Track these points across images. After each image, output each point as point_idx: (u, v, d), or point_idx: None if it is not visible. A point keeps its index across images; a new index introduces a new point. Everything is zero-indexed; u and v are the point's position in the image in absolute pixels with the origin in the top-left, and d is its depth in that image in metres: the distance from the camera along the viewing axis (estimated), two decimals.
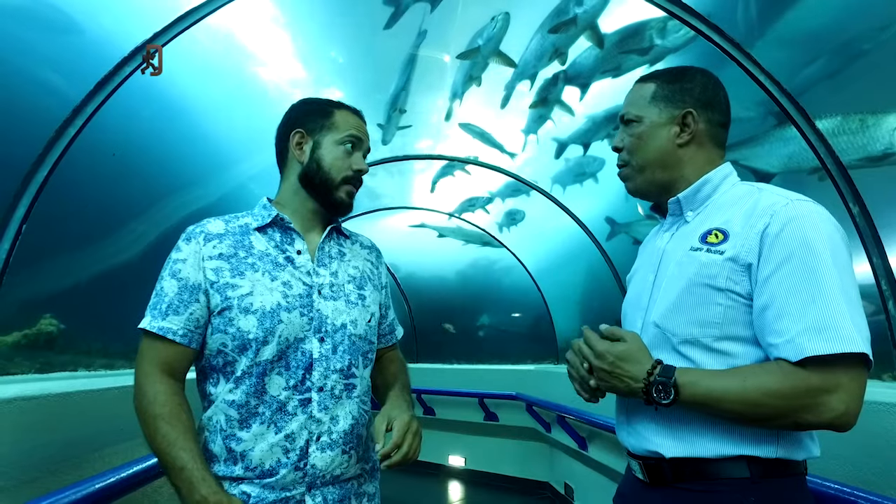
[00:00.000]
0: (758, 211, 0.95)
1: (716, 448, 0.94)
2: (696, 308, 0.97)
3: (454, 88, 3.93)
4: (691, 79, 1.10)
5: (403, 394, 1.26)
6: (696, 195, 1.08)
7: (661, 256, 1.11)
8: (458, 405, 5.28)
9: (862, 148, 1.71)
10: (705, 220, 1.05)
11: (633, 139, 1.12)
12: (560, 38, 3.15)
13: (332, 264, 1.27)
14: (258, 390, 1.12)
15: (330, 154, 1.25)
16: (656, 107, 1.10)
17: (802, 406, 0.84)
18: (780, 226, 0.91)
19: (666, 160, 1.10)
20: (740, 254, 0.94)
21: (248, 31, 3.15)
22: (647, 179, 1.13)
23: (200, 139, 3.36)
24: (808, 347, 0.83)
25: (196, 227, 1.21)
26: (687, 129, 1.08)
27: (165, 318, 1.13)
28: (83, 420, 1.70)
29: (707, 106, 1.08)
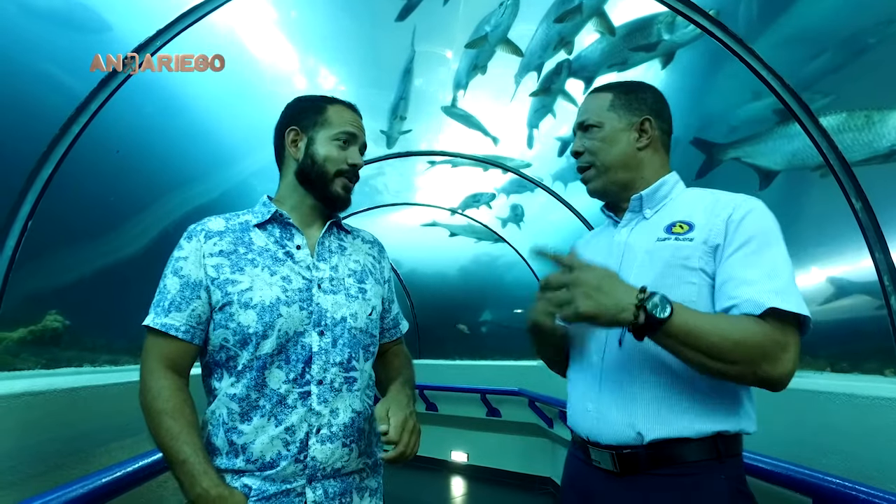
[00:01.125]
0: (720, 204, 1.09)
1: (694, 425, 1.01)
2: (674, 287, 1.04)
3: (457, 78, 3.92)
4: (644, 91, 1.23)
5: (405, 388, 1.25)
6: (655, 194, 1.19)
7: (623, 248, 1.18)
8: (461, 401, 5.29)
9: (867, 145, 1.70)
10: (665, 216, 1.15)
11: (597, 142, 1.21)
12: (566, 27, 3.12)
13: (333, 258, 1.27)
14: (258, 384, 1.13)
15: (324, 149, 1.26)
16: (615, 114, 1.21)
17: (767, 355, 0.93)
18: (742, 214, 1.05)
19: (628, 162, 1.20)
20: (710, 237, 1.05)
21: (250, 27, 3.15)
22: (611, 179, 1.21)
23: (202, 135, 3.38)
24: (770, 300, 0.94)
25: (197, 226, 1.23)
26: (645, 134, 1.19)
27: (168, 315, 1.15)
28: (89, 415, 1.71)
29: (658, 115, 1.21)
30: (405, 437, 1.09)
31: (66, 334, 2.31)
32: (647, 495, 1.03)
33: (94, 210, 2.59)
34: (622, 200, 1.23)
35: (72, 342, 2.35)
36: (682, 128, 3.35)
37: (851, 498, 1.40)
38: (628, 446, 1.05)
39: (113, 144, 2.52)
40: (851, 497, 1.40)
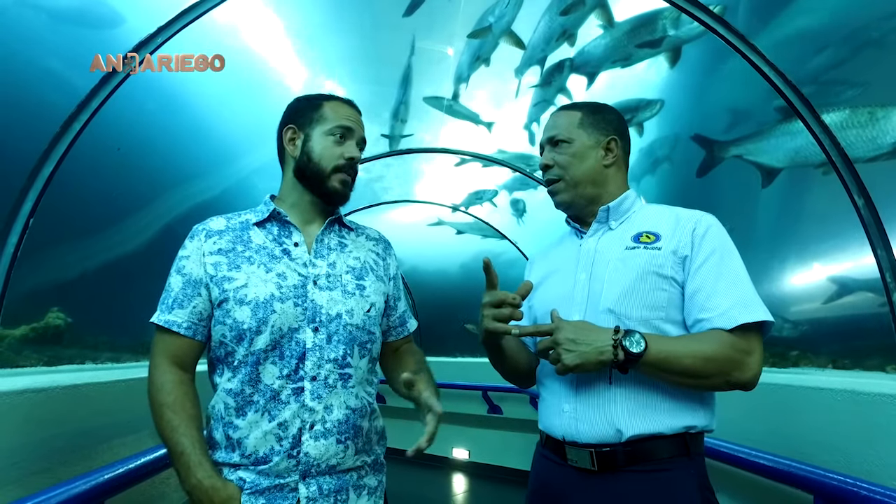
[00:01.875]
0: (683, 219, 1.20)
1: (667, 421, 1.09)
2: (648, 293, 1.14)
3: (459, 70, 3.88)
4: (610, 112, 1.33)
5: (432, 385, 1.22)
6: (620, 207, 1.28)
7: (593, 254, 1.26)
8: (463, 398, 5.30)
9: (871, 141, 1.70)
10: (629, 227, 1.25)
11: (567, 157, 1.28)
12: (569, 20, 3.11)
13: (331, 255, 1.28)
14: (252, 379, 1.15)
15: (319, 145, 1.27)
16: (584, 131, 1.29)
17: (735, 364, 1.05)
18: (704, 229, 1.16)
19: (595, 178, 1.28)
20: (678, 248, 1.15)
21: (251, 23, 3.15)
22: (579, 193, 1.29)
23: (204, 132, 3.37)
24: (740, 317, 1.06)
25: (200, 225, 1.26)
26: (611, 152, 1.28)
27: (171, 312, 1.19)
28: (92, 412, 1.72)
29: (622, 136, 1.30)
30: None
31: (68, 331, 2.31)
32: (623, 491, 1.09)
33: (95, 207, 2.59)
34: (587, 214, 1.31)
35: (74, 339, 2.35)
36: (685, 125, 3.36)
37: (853, 494, 1.40)
38: (607, 444, 1.11)
39: (114, 141, 2.52)
40: (853, 493, 1.40)
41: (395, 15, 3.41)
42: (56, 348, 2.24)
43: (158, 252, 2.85)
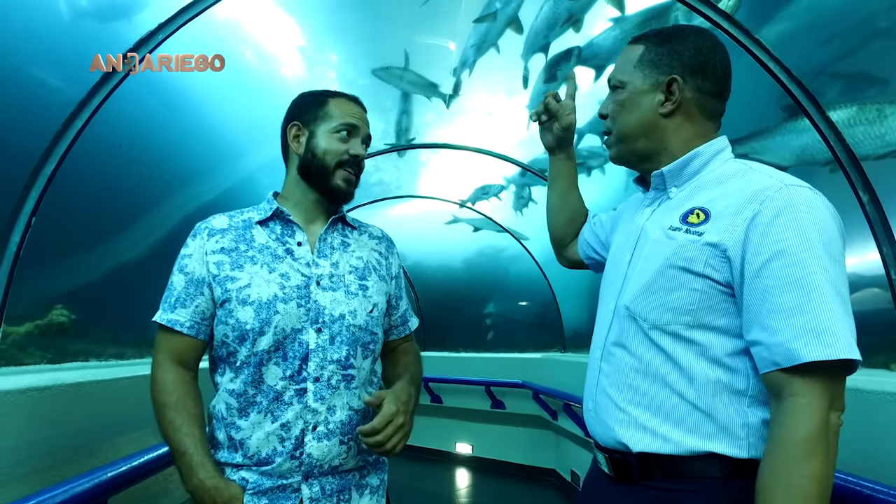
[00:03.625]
0: (747, 194, 0.88)
1: (686, 442, 0.89)
2: (670, 292, 0.92)
3: (464, 57, 3.74)
4: (683, 40, 1.01)
5: (408, 386, 1.25)
6: (683, 170, 1.01)
7: (639, 234, 1.05)
8: (466, 393, 5.31)
9: (880, 138, 1.67)
10: (689, 197, 0.98)
11: (616, 106, 1.06)
12: (575, 4, 3.00)
13: (334, 255, 1.27)
14: (255, 380, 1.15)
15: (324, 142, 1.26)
16: (641, 72, 1.03)
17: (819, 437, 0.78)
18: (773, 214, 0.83)
19: (648, 131, 1.03)
20: (722, 240, 0.87)
21: (254, 19, 3.13)
22: (628, 149, 1.07)
23: (207, 129, 3.36)
24: (804, 352, 0.77)
25: (202, 224, 1.26)
26: (672, 97, 1.00)
27: (174, 311, 1.19)
28: (95, 409, 1.73)
29: (697, 72, 0.99)
30: (389, 429, 1.10)
31: (72, 328, 2.32)
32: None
33: (99, 204, 2.60)
34: (647, 173, 1.08)
35: (77, 336, 2.36)
36: None
37: (855, 493, 1.39)
38: (618, 451, 0.98)
39: (116, 139, 2.52)
40: (855, 493, 1.39)
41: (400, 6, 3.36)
42: (60, 344, 2.24)
43: (163, 250, 2.86)
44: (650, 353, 0.95)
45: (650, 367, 0.95)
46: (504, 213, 5.36)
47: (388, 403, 1.13)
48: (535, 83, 3.82)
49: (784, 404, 0.80)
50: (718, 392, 0.89)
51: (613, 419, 0.98)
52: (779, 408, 0.81)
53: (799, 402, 0.78)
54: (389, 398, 1.15)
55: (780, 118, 2.07)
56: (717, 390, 0.89)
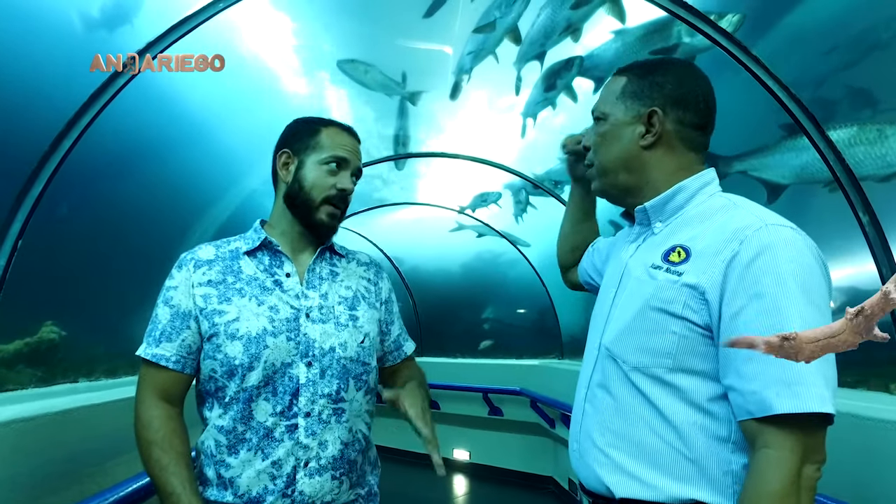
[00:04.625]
0: (727, 233, 0.86)
1: (670, 489, 0.86)
2: (650, 335, 0.90)
3: (461, 63, 3.68)
4: (665, 72, 1.00)
5: (420, 389, 1.24)
6: (666, 205, 0.98)
7: (622, 270, 1.03)
8: (463, 399, 5.30)
9: (881, 158, 1.64)
10: (672, 233, 0.96)
11: (598, 138, 1.05)
12: (575, 14, 2.95)
13: (323, 286, 1.26)
14: (245, 416, 1.13)
15: (312, 174, 1.23)
16: (623, 103, 1.01)
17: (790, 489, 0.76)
18: (751, 256, 0.81)
19: (629, 163, 1.01)
20: (700, 282, 0.85)
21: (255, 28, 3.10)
22: (610, 183, 1.05)
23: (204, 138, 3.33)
24: (775, 403, 0.75)
25: (187, 254, 1.24)
26: (652, 128, 0.98)
27: (159, 345, 1.16)
28: (84, 435, 1.70)
29: (679, 104, 0.97)
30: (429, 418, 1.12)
31: (63, 344, 2.29)
32: None
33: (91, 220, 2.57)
34: (630, 206, 1.05)
35: (68, 352, 2.33)
36: None
37: None
38: (602, 496, 0.95)
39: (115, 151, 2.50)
40: None
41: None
42: (50, 362, 2.22)
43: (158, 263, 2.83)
44: (631, 396, 0.92)
45: (632, 410, 0.92)
46: (504, 219, 5.34)
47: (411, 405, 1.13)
48: (533, 90, 3.79)
49: (757, 455, 0.79)
50: (701, 437, 0.87)
51: (596, 462, 0.95)
52: (753, 457, 0.80)
53: (770, 454, 0.77)
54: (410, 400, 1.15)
55: (780, 136, 2.04)
56: (699, 436, 0.87)
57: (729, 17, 1.95)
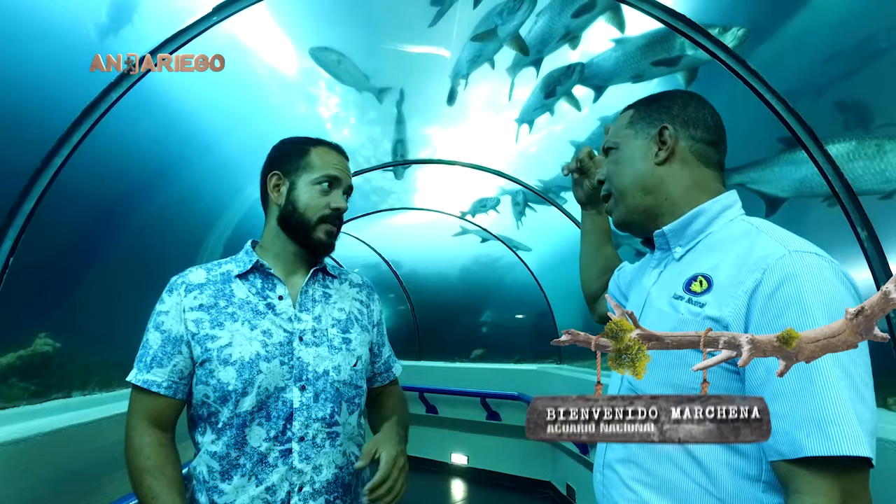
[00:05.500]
0: (750, 262, 0.81)
1: None
2: (673, 369, 0.85)
3: (457, 68, 3.65)
4: (669, 98, 1.02)
5: (397, 427, 1.24)
6: (686, 229, 0.96)
7: (645, 298, 1.00)
8: (461, 404, 5.28)
9: (880, 174, 1.63)
10: (695, 259, 0.93)
11: (612, 166, 1.05)
12: (574, 21, 2.93)
13: (316, 308, 1.25)
14: (238, 442, 1.12)
15: (305, 194, 1.23)
16: (632, 130, 1.03)
17: None
18: (774, 286, 0.77)
19: (646, 182, 0.99)
20: (723, 314, 0.80)
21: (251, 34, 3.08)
22: (629, 206, 1.02)
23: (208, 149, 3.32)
24: (806, 444, 0.70)
25: (178, 278, 1.22)
26: (664, 145, 0.98)
27: (150, 371, 1.16)
28: (76, 452, 1.69)
29: (687, 123, 0.99)
30: (394, 472, 1.08)
31: (57, 356, 2.27)
32: None
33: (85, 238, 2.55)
34: (652, 232, 1.02)
35: (62, 363, 2.31)
36: None
37: None
38: None
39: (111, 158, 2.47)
40: None
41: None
42: (43, 375, 2.20)
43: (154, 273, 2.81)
44: None
45: (659, 447, 0.88)
46: (504, 224, 5.32)
47: (386, 449, 1.10)
48: (530, 97, 3.77)
49: (791, 500, 0.74)
50: (729, 476, 0.82)
51: (621, 496, 0.93)
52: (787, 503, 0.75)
53: (805, 501, 0.71)
54: (384, 443, 1.13)
55: (778, 149, 2.03)
56: (727, 474, 0.82)
57: (734, 31, 1.93)
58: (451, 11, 3.35)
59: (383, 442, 1.13)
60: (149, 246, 2.90)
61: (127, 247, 2.78)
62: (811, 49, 2.36)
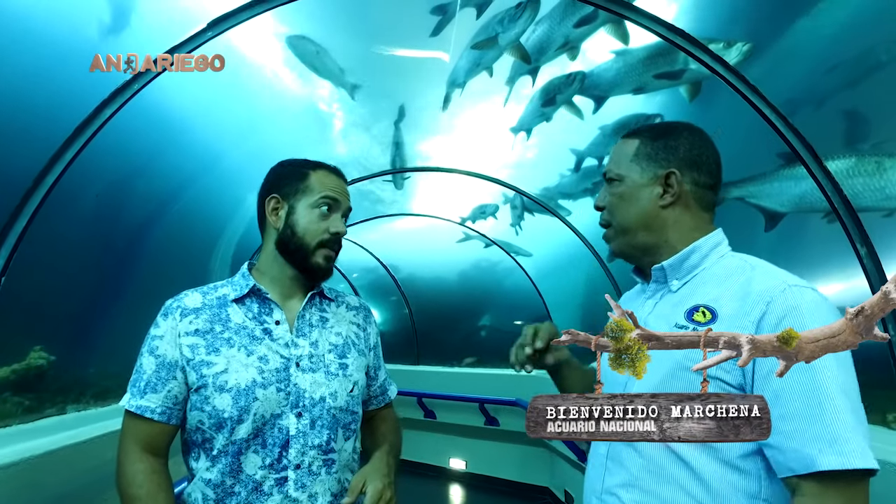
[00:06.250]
0: (753, 296, 0.88)
1: None
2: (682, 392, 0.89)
3: (454, 76, 3.67)
4: (677, 136, 1.04)
5: (387, 457, 1.23)
6: (683, 264, 1.01)
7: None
8: (459, 409, 5.27)
9: (880, 191, 1.62)
10: (692, 292, 0.98)
11: (615, 199, 1.07)
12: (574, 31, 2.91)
13: (313, 333, 1.24)
14: (234, 469, 1.11)
15: (305, 218, 1.22)
16: (638, 165, 1.05)
17: None
18: (779, 317, 0.84)
19: (649, 223, 1.04)
20: None
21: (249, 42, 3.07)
22: (629, 242, 1.07)
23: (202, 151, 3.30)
24: (818, 459, 0.76)
25: (173, 302, 1.20)
26: (670, 189, 1.02)
27: (144, 397, 1.14)
28: (71, 475, 1.66)
29: (693, 166, 1.02)
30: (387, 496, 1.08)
31: (51, 369, 2.26)
32: None
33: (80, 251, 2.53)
34: (647, 266, 1.08)
35: (57, 376, 2.30)
36: None
37: None
38: None
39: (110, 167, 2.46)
40: None
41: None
42: (38, 388, 2.18)
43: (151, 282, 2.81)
44: (662, 456, 0.92)
45: (662, 469, 0.92)
46: (504, 229, 5.32)
47: (373, 482, 1.09)
48: (529, 105, 3.77)
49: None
50: (733, 495, 0.86)
51: None
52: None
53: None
54: (371, 476, 1.11)
55: (778, 164, 2.02)
56: (731, 494, 0.86)
57: (738, 46, 1.92)
58: (451, 20, 3.34)
59: (371, 475, 1.12)
60: (144, 256, 2.89)
61: (123, 257, 2.76)
62: (812, 60, 2.36)
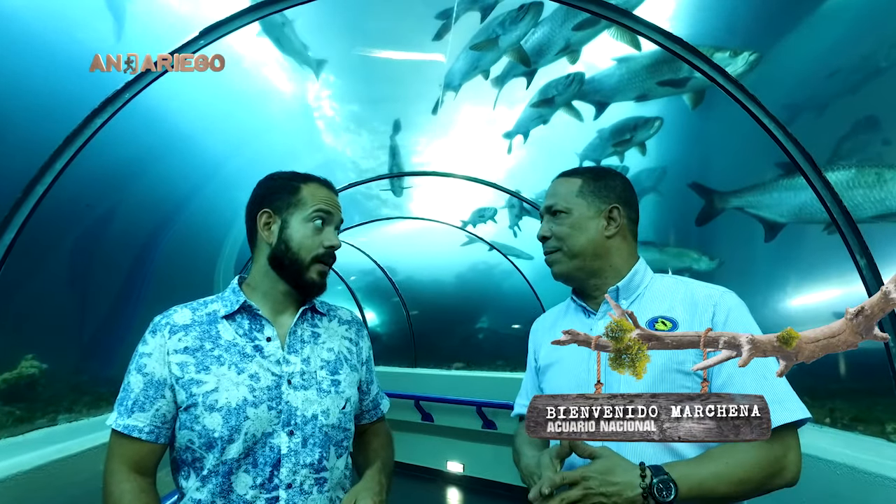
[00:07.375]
0: (700, 302, 1.10)
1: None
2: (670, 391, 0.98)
3: (449, 78, 3.65)
4: (613, 178, 1.24)
5: (379, 475, 1.21)
6: (630, 284, 1.18)
7: None
8: (457, 412, 5.25)
9: (880, 202, 1.60)
10: (642, 308, 1.15)
11: (566, 228, 1.20)
12: (575, 35, 2.88)
13: (305, 349, 1.21)
14: (224, 490, 1.09)
15: (299, 233, 1.20)
16: (584, 200, 1.21)
17: (774, 472, 0.97)
18: (725, 315, 1.07)
19: (597, 250, 1.19)
20: None
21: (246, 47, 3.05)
22: (577, 266, 1.21)
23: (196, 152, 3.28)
24: (774, 418, 0.92)
25: (162, 318, 1.18)
26: (613, 222, 1.20)
27: (131, 416, 1.11)
28: (60, 488, 1.64)
29: (627, 203, 1.22)
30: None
31: (43, 378, 2.23)
32: None
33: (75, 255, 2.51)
34: (590, 288, 1.22)
35: (49, 385, 2.27)
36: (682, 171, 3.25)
37: None
38: None
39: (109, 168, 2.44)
40: None
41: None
42: (29, 397, 2.16)
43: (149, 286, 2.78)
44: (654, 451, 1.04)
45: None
46: (503, 232, 5.31)
47: (364, 501, 1.08)
48: (527, 108, 3.74)
49: None
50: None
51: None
52: None
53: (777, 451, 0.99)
54: (362, 495, 1.10)
55: (777, 174, 2.00)
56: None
57: (745, 56, 1.91)
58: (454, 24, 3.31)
59: (362, 493, 1.11)
60: (139, 262, 2.86)
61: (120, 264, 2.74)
62: (812, 64, 2.35)
